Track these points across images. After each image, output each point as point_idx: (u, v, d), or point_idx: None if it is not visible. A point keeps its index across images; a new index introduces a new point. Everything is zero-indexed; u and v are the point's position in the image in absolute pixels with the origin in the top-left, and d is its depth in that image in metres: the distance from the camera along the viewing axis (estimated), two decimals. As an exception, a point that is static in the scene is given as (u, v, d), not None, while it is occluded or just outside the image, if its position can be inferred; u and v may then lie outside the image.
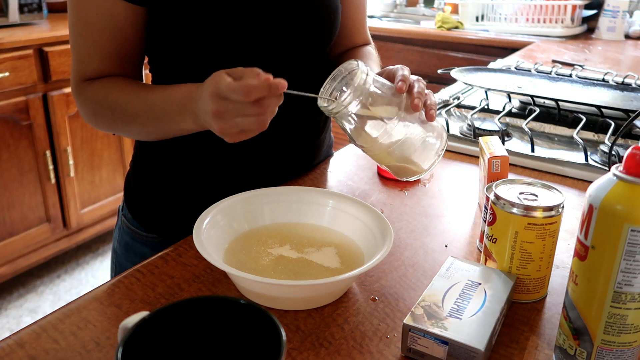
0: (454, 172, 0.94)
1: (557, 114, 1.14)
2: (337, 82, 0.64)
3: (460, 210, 0.80)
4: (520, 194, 0.59)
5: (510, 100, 1.23)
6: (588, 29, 2.56)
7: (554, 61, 1.84)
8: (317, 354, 0.52)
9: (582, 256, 0.46)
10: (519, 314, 0.58)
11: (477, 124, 1.05)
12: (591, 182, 0.55)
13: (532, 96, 1.17)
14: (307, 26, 0.79)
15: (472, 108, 1.17)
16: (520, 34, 2.42)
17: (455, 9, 2.68)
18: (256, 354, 0.42)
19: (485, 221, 0.65)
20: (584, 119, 1.04)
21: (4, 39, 1.87)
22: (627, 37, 2.42)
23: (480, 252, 0.67)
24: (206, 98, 0.59)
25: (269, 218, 0.71)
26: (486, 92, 1.27)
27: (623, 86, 1.25)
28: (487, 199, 0.62)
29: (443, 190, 0.86)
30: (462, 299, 0.54)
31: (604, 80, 1.39)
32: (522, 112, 1.18)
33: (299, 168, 0.89)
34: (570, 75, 1.41)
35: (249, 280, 0.55)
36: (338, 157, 0.98)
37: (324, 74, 0.68)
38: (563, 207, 0.57)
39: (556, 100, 1.13)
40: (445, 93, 1.33)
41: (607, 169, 0.89)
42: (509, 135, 1.07)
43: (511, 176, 0.79)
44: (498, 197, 0.58)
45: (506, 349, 0.53)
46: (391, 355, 0.52)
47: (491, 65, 1.64)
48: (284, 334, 0.39)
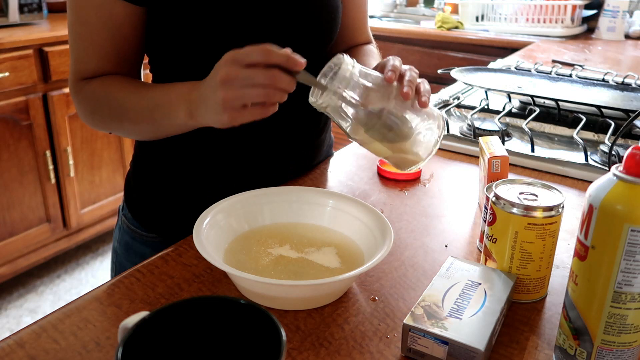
0: (454, 172, 0.94)
1: (557, 114, 1.14)
2: (328, 78, 0.63)
3: (460, 210, 0.80)
4: (520, 194, 0.59)
5: (510, 100, 1.23)
6: (588, 29, 2.56)
7: (554, 61, 1.84)
8: (317, 354, 0.52)
9: (582, 256, 0.46)
10: (519, 314, 0.58)
11: (477, 124, 1.05)
12: (591, 182, 0.55)
13: (532, 96, 1.17)
14: (307, 26, 0.80)
15: (472, 108, 1.17)
16: (520, 34, 2.42)
17: (455, 9, 2.68)
18: (256, 354, 0.42)
19: (485, 221, 0.65)
20: (584, 119, 1.04)
21: (4, 39, 1.87)
22: (627, 37, 2.42)
23: (480, 252, 0.67)
24: (217, 68, 0.59)
25: (269, 218, 0.71)
26: (486, 92, 1.27)
27: (623, 86, 1.25)
28: (487, 199, 0.62)
29: (443, 190, 0.86)
30: (462, 299, 0.54)
31: (604, 80, 1.39)
32: (522, 112, 1.18)
33: (299, 168, 0.89)
34: (570, 75, 1.41)
35: (249, 280, 0.55)
36: (338, 157, 0.98)
37: None
38: (563, 207, 0.57)
39: (556, 100, 1.13)
40: (445, 93, 1.33)
41: (607, 169, 0.89)
42: (509, 135, 1.07)
43: (511, 176, 0.79)
44: (498, 197, 0.58)
45: (506, 349, 0.53)
46: (391, 355, 0.52)
47: (491, 65, 1.64)
48: (284, 334, 0.39)
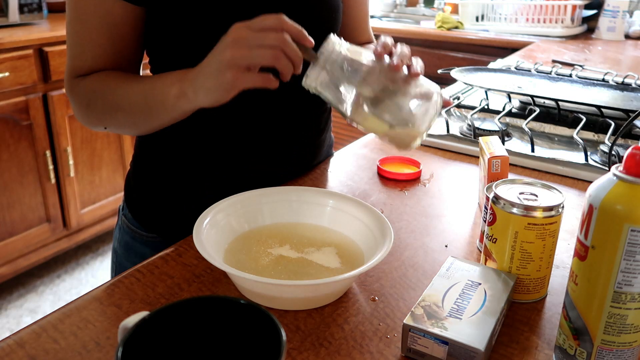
0: (454, 172, 0.94)
1: (557, 114, 1.14)
2: (322, 57, 0.63)
3: (460, 210, 0.80)
4: (520, 194, 0.59)
5: (510, 100, 1.23)
6: (588, 29, 2.56)
7: (554, 61, 1.84)
8: (317, 354, 0.52)
9: (582, 256, 0.46)
10: (519, 314, 0.58)
11: (477, 124, 1.05)
12: (591, 182, 0.55)
13: (532, 96, 1.17)
14: (307, 25, 0.79)
15: (472, 108, 1.17)
16: (520, 34, 2.42)
17: (455, 9, 2.68)
18: (256, 354, 0.42)
19: (485, 221, 0.65)
20: (584, 119, 1.04)
21: (4, 39, 1.87)
22: (627, 37, 2.42)
23: (480, 252, 0.67)
24: (227, 33, 0.60)
25: (269, 218, 0.71)
26: (486, 92, 1.27)
27: (623, 86, 1.25)
28: (487, 199, 0.62)
29: (443, 190, 0.86)
30: (462, 299, 0.54)
31: (604, 80, 1.39)
32: (522, 112, 1.18)
33: (299, 168, 0.89)
34: (570, 75, 1.41)
35: (249, 280, 0.55)
36: (338, 157, 0.98)
37: None
38: (563, 207, 0.57)
39: (556, 100, 1.13)
40: (445, 93, 1.32)
41: (607, 169, 0.89)
42: (509, 135, 1.07)
43: (511, 176, 0.79)
44: (498, 197, 0.58)
45: (506, 349, 0.53)
46: (391, 355, 0.52)
47: (491, 65, 1.64)
48: (284, 334, 0.39)
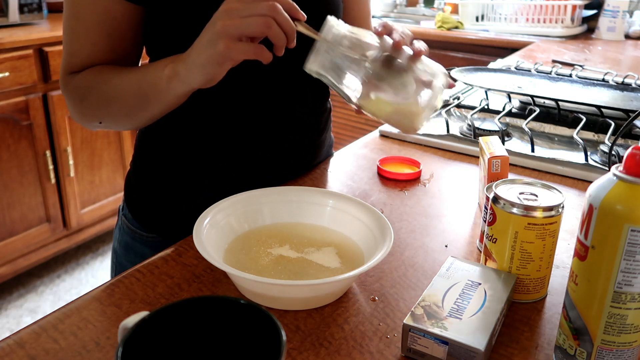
0: (454, 172, 0.94)
1: (557, 114, 1.14)
2: (322, 35, 0.63)
3: (460, 210, 0.80)
4: (520, 194, 0.59)
5: (510, 100, 1.23)
6: (588, 29, 2.56)
7: (554, 61, 1.84)
8: (317, 354, 0.52)
9: (582, 256, 0.46)
10: (519, 314, 0.58)
11: (477, 124, 1.05)
12: (591, 182, 0.55)
13: (532, 96, 1.17)
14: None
15: (472, 108, 1.17)
16: (520, 34, 2.42)
17: (455, 9, 2.68)
18: (256, 354, 0.42)
19: (485, 221, 0.65)
20: (584, 119, 1.04)
21: (4, 39, 1.87)
22: (627, 37, 2.42)
23: (480, 252, 0.67)
24: (221, 6, 0.60)
25: (269, 218, 0.71)
26: (486, 92, 1.27)
27: (623, 86, 1.25)
28: (487, 199, 0.62)
29: (443, 190, 0.86)
30: (462, 299, 0.54)
31: (604, 80, 1.39)
32: (522, 112, 1.18)
33: (299, 168, 0.89)
34: (570, 75, 1.41)
35: (249, 280, 0.55)
36: (338, 157, 0.98)
37: None
38: (563, 207, 0.57)
39: (556, 100, 1.13)
40: (446, 93, 1.33)
41: (607, 169, 0.89)
42: (509, 135, 1.07)
43: (511, 176, 0.79)
44: (498, 197, 0.58)
45: (506, 349, 0.53)
46: (391, 355, 0.52)
47: (491, 65, 1.64)
48: (284, 334, 0.39)
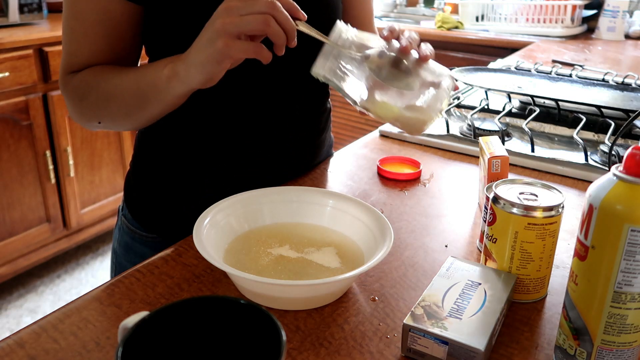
0: (454, 172, 0.94)
1: (557, 114, 1.14)
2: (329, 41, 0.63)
3: (460, 210, 0.80)
4: (520, 194, 0.59)
5: (510, 100, 1.23)
6: (588, 29, 2.56)
7: (554, 61, 1.84)
8: (317, 354, 0.52)
9: (582, 256, 0.46)
10: (519, 314, 0.58)
11: (477, 124, 1.05)
12: (591, 182, 0.55)
13: (532, 96, 1.17)
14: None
15: (472, 108, 1.17)
16: (520, 34, 2.42)
17: (455, 9, 2.68)
18: (256, 354, 0.42)
19: (485, 221, 0.65)
20: (584, 119, 1.04)
21: (4, 39, 1.87)
22: (627, 37, 2.42)
23: (480, 252, 0.67)
24: (221, 5, 0.60)
25: (269, 218, 0.71)
26: (486, 92, 1.27)
27: (623, 86, 1.25)
28: (487, 199, 0.62)
29: (443, 190, 0.86)
30: (462, 299, 0.54)
31: (604, 80, 1.39)
32: (522, 112, 1.18)
33: (299, 168, 0.89)
34: (570, 75, 1.41)
35: (249, 280, 0.55)
36: (338, 157, 0.98)
37: None
38: (563, 207, 0.57)
39: (556, 100, 1.13)
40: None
41: (607, 169, 0.89)
42: (509, 135, 1.07)
43: (511, 176, 0.79)
44: (498, 197, 0.58)
45: (506, 349, 0.53)
46: (391, 355, 0.52)
47: (491, 65, 1.64)
48: (284, 334, 0.39)
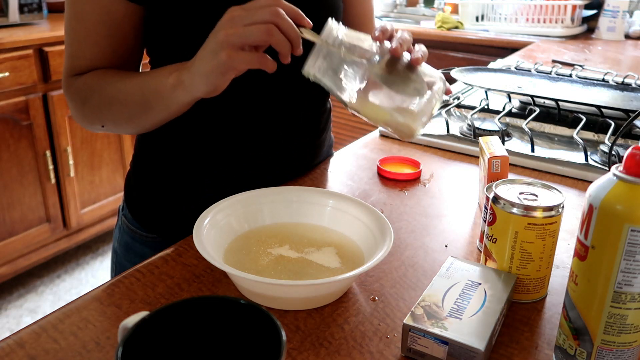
0: (454, 172, 0.94)
1: (557, 114, 1.14)
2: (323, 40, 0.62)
3: (460, 210, 0.80)
4: (520, 194, 0.59)
5: (510, 100, 1.23)
6: (588, 29, 2.56)
7: (554, 61, 1.84)
8: (317, 354, 0.52)
9: (582, 256, 0.46)
10: (519, 314, 0.58)
11: (477, 124, 1.05)
12: (591, 182, 0.55)
13: (532, 96, 1.17)
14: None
15: (472, 108, 1.17)
16: (520, 34, 2.42)
17: (455, 9, 2.68)
18: (256, 354, 0.42)
19: (485, 221, 0.65)
20: (584, 119, 1.04)
21: (4, 39, 1.87)
22: (627, 37, 2.42)
23: (480, 252, 0.67)
24: (224, 15, 0.61)
25: (269, 218, 0.71)
26: (486, 92, 1.27)
27: (623, 86, 1.25)
28: (487, 199, 0.62)
29: (443, 190, 0.86)
30: (462, 299, 0.54)
31: (604, 80, 1.39)
32: (522, 112, 1.18)
33: (299, 168, 0.89)
34: (570, 75, 1.41)
35: (249, 280, 0.55)
36: (338, 157, 0.98)
37: None
38: (563, 207, 0.57)
39: (556, 100, 1.13)
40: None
41: (607, 169, 0.89)
42: (509, 135, 1.07)
43: (511, 176, 0.79)
44: (498, 197, 0.58)
45: (506, 349, 0.53)
46: (391, 355, 0.52)
47: (491, 65, 1.64)
48: (284, 334, 0.39)
